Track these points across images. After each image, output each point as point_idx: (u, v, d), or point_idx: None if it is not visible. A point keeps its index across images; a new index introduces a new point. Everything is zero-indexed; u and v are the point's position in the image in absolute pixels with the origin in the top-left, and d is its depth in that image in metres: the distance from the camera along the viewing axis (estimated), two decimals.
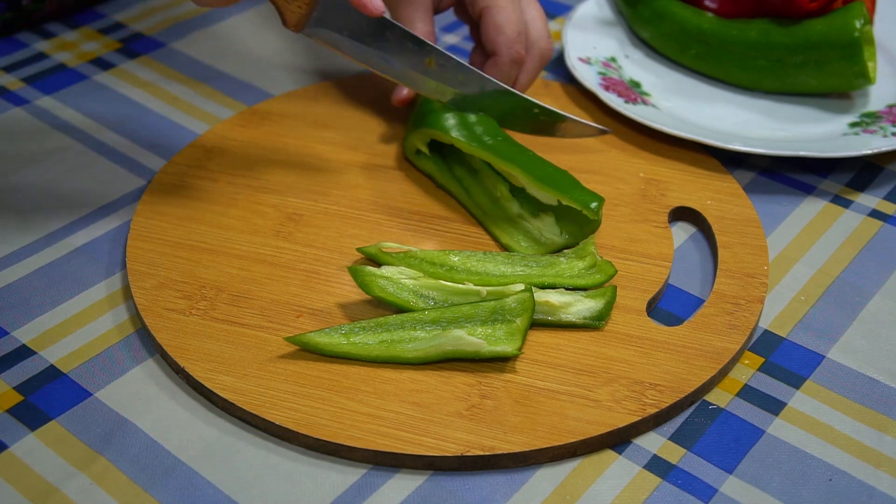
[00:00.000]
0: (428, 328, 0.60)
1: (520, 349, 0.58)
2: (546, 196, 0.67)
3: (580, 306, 0.62)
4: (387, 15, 0.66)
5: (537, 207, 0.69)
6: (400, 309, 0.62)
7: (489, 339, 0.59)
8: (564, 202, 0.66)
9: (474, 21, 0.77)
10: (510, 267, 0.65)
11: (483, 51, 0.76)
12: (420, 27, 0.74)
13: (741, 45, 0.83)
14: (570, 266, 0.65)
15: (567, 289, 0.63)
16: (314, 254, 0.67)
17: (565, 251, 0.66)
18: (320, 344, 0.59)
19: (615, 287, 0.63)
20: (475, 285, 0.62)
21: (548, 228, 0.68)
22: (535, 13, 0.76)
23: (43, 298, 0.64)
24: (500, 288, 0.62)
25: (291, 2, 0.65)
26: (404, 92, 0.74)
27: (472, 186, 0.71)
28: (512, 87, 0.73)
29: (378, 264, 0.65)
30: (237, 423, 0.57)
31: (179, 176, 0.73)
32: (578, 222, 0.67)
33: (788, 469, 0.55)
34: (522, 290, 0.60)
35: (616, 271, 0.64)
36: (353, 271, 0.62)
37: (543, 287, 0.63)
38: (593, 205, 0.65)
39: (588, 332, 0.61)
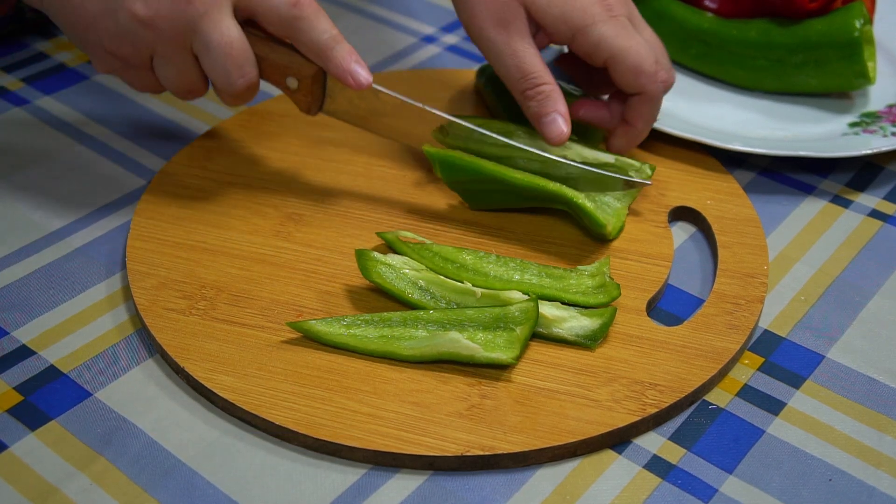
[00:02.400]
0: (430, 328, 0.60)
1: (516, 358, 0.58)
2: (606, 154, 0.70)
3: (574, 323, 0.60)
4: (375, 85, 0.66)
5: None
6: (394, 297, 0.62)
7: (487, 345, 0.59)
8: (622, 158, 0.70)
9: (593, 65, 0.70)
10: (520, 273, 0.64)
11: (613, 93, 0.72)
12: (533, 51, 0.68)
13: (741, 44, 0.83)
14: (578, 283, 0.64)
15: (564, 303, 0.62)
16: (314, 254, 0.67)
17: (578, 268, 0.65)
18: (320, 332, 0.59)
19: (615, 309, 0.61)
20: (474, 286, 0.62)
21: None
22: (650, 36, 0.70)
23: (43, 298, 0.64)
24: (494, 291, 0.61)
25: (297, 92, 0.66)
26: (564, 129, 0.68)
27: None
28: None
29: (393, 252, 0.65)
30: (237, 423, 0.57)
31: (179, 176, 0.73)
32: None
33: (788, 469, 0.55)
34: (527, 300, 0.60)
35: (619, 294, 0.63)
36: (359, 254, 0.62)
37: (542, 298, 0.62)
38: (647, 166, 0.69)
39: None
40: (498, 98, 0.78)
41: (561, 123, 0.67)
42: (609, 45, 0.67)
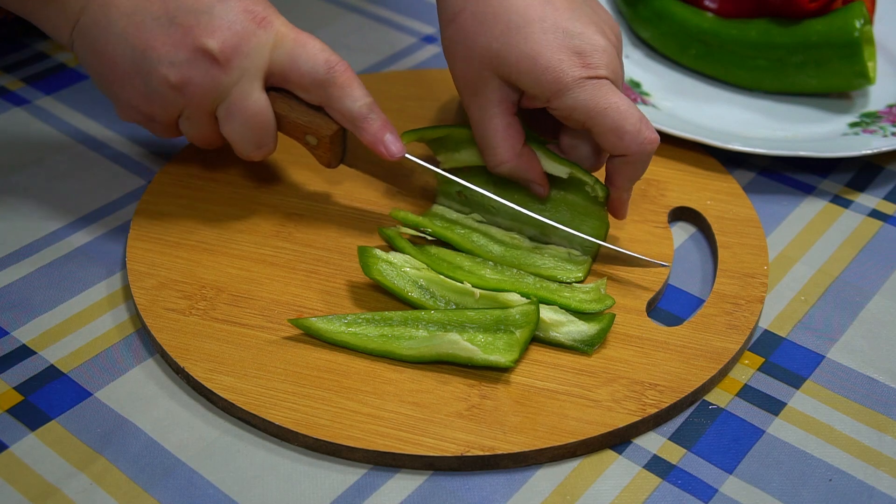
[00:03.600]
0: (430, 328, 0.60)
1: (515, 361, 0.58)
2: (559, 167, 0.65)
3: (572, 327, 0.60)
4: (407, 154, 0.65)
5: (545, 238, 0.68)
6: (394, 295, 0.62)
7: (487, 348, 0.59)
8: (576, 175, 0.65)
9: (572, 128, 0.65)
10: (515, 279, 0.64)
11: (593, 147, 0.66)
12: (496, 123, 0.64)
13: (741, 45, 0.83)
14: (572, 294, 0.63)
15: (560, 307, 0.62)
16: (314, 254, 0.67)
17: (575, 285, 0.64)
18: (321, 329, 0.59)
19: (613, 315, 0.61)
20: (473, 286, 0.62)
21: (563, 254, 0.67)
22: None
23: (43, 298, 0.64)
24: (492, 293, 0.61)
25: (316, 149, 0.66)
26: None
27: (485, 240, 0.68)
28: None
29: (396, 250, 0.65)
30: (237, 423, 0.57)
31: (179, 176, 0.73)
32: (582, 243, 0.67)
33: (788, 469, 0.55)
34: (528, 303, 0.60)
35: (614, 302, 0.63)
36: (361, 250, 0.62)
37: (539, 301, 0.61)
38: (599, 187, 0.65)
39: None
40: None
41: (536, 190, 0.67)
42: (585, 107, 0.61)
